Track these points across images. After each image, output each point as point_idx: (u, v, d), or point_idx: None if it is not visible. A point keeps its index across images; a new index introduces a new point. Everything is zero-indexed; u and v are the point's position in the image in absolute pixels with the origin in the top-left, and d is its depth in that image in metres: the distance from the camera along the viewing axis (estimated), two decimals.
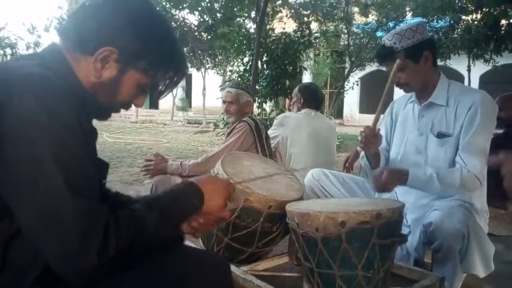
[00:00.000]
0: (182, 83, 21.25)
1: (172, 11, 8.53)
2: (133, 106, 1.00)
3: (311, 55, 11.88)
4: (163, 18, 0.96)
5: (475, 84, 11.94)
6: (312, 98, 3.05)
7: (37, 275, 0.79)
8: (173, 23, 8.76)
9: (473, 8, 6.80)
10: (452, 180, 1.61)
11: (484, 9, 6.44)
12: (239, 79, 6.50)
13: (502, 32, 6.85)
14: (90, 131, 0.88)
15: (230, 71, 7.37)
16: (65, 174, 0.73)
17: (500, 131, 3.49)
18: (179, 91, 19.13)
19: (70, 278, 0.74)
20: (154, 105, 21.30)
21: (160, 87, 0.97)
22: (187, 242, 1.60)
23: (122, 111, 1.02)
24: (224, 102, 2.77)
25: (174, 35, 0.96)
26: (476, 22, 7.05)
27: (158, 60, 0.92)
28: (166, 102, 18.54)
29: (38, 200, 0.72)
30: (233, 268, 1.44)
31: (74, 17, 0.91)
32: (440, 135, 1.71)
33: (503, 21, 6.76)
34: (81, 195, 0.74)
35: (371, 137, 1.74)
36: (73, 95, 0.79)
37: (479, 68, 9.37)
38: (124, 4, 0.89)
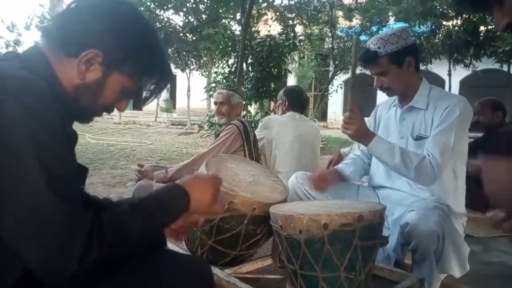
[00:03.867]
0: None
1: (157, 12, 8.46)
2: (115, 110, 0.99)
3: (296, 58, 11.96)
4: (149, 23, 0.96)
5: (455, 88, 12.21)
6: (297, 101, 3.07)
7: (15, 281, 0.77)
8: (157, 24, 8.69)
9: (453, 14, 6.98)
10: (411, 160, 1.64)
11: (464, 16, 6.62)
12: (224, 81, 6.50)
13: (481, 38, 7.05)
14: (71, 134, 0.87)
15: (215, 72, 7.35)
16: (47, 176, 0.72)
17: (479, 134, 3.59)
18: (163, 92, 18.98)
19: (51, 283, 0.73)
20: (137, 106, 21.07)
21: (145, 92, 0.97)
22: (171, 246, 1.59)
23: (103, 115, 1.01)
24: (215, 103, 2.81)
25: (160, 40, 0.96)
26: (456, 28, 7.23)
27: (144, 65, 0.91)
28: (150, 103, 18.34)
29: (19, 203, 0.71)
30: (217, 270, 1.44)
31: (60, 18, 0.90)
32: (418, 138, 1.75)
33: (482, 28, 6.96)
34: (63, 198, 0.73)
35: (319, 181, 1.88)
36: (55, 98, 0.78)
37: (460, 73, 9.60)
38: (110, 7, 0.89)
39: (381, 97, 1.95)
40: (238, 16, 7.18)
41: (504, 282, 2.10)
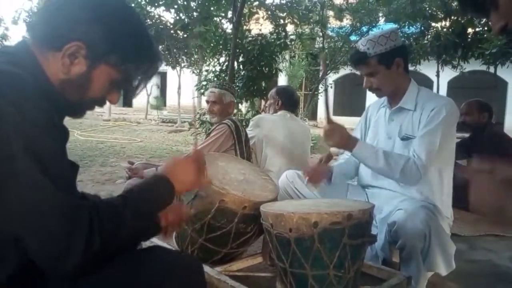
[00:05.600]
0: (157, 81, 20.93)
1: (148, 8, 8.39)
2: (107, 103, 0.98)
3: (287, 57, 11.95)
4: (133, 11, 0.94)
5: (443, 89, 12.35)
6: (290, 101, 3.10)
7: (10, 275, 0.77)
8: (148, 21, 8.62)
9: (442, 15, 7.06)
10: (396, 162, 1.67)
11: (452, 17, 6.70)
12: (215, 79, 6.48)
13: (469, 39, 7.14)
14: (61, 129, 0.87)
15: (206, 70, 7.31)
16: (41, 169, 0.72)
17: (466, 135, 3.66)
18: (153, 89, 18.80)
19: (57, 273, 0.74)
20: (127, 103, 20.87)
21: (134, 81, 0.95)
22: (161, 243, 1.59)
23: (95, 108, 1.00)
24: (207, 102, 2.79)
25: (145, 27, 0.95)
26: (445, 30, 7.31)
27: (130, 53, 0.90)
28: (140, 100, 18.19)
29: (18, 196, 0.70)
30: (207, 268, 1.45)
31: (42, 12, 0.89)
32: (405, 138, 1.78)
33: (470, 29, 7.05)
34: (59, 189, 0.73)
35: (314, 175, 1.86)
36: (42, 93, 0.78)
37: (448, 74, 9.70)
38: None
39: (371, 96, 1.99)
40: (229, 14, 7.16)
41: (489, 280, 2.14)
